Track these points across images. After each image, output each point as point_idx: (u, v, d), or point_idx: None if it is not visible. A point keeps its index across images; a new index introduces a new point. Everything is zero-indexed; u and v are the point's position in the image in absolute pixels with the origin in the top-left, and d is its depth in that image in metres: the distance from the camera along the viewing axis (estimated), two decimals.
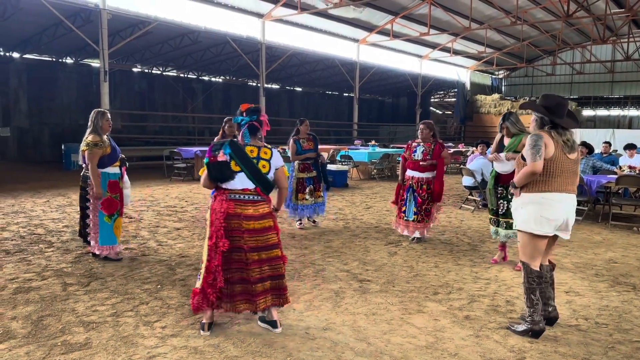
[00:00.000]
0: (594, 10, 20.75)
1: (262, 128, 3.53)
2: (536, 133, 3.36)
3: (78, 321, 3.56)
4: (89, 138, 4.93)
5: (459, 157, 16.12)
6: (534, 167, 3.29)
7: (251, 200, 3.38)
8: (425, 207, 6.04)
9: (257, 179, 3.39)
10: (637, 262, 5.45)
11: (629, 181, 7.64)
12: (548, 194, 3.34)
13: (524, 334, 3.41)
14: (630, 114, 30.92)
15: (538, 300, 3.41)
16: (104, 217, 5.03)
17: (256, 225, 3.36)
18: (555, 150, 3.31)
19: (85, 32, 13.96)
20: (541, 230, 3.36)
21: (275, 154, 3.52)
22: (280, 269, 3.47)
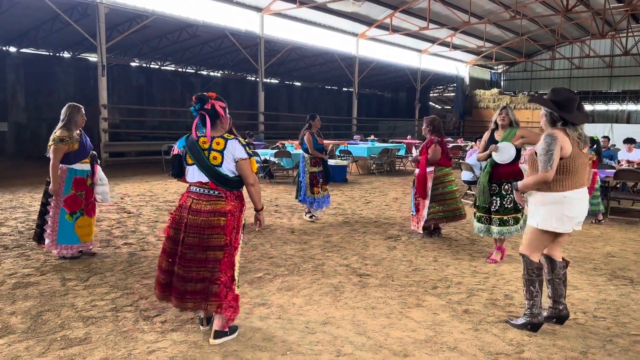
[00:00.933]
0: (593, 5, 20.72)
1: (218, 117, 3.20)
2: (550, 133, 3.26)
3: (77, 316, 3.56)
4: (57, 133, 4.75)
5: (457, 151, 16.11)
6: (545, 177, 3.22)
7: (205, 194, 3.16)
8: (415, 202, 6.15)
9: (208, 172, 3.13)
10: (635, 256, 5.47)
11: (627, 175, 7.65)
12: (569, 193, 3.28)
13: (523, 327, 3.42)
14: (628, 109, 30.92)
15: (537, 292, 3.40)
16: (65, 214, 4.78)
17: (200, 222, 3.10)
18: (572, 148, 3.25)
19: (82, 26, 13.90)
20: (562, 228, 3.32)
21: (232, 145, 3.14)
22: (216, 274, 3.10)
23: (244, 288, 4.20)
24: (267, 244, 5.76)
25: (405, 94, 34.52)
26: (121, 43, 16.23)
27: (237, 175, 3.19)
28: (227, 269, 3.16)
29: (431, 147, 5.97)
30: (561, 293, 3.52)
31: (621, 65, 29.33)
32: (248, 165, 3.19)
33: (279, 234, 6.26)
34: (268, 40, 19.14)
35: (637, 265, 5.10)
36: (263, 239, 5.97)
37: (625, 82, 30.03)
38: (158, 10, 15.36)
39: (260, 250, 5.47)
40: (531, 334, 3.38)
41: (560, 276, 3.51)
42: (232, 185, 3.19)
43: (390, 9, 20.41)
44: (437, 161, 5.98)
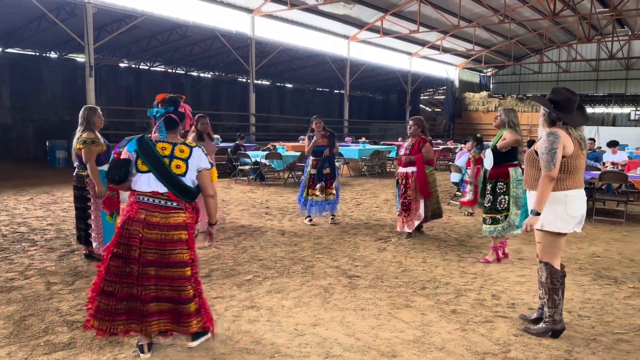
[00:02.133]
0: (580, 9, 20.99)
1: (184, 121, 3.02)
2: (553, 131, 3.20)
3: (62, 321, 3.52)
4: (84, 135, 4.71)
5: (447, 154, 16.21)
6: (549, 176, 3.15)
7: (161, 205, 2.86)
8: (403, 201, 6.15)
9: (167, 181, 2.85)
10: (619, 256, 5.54)
11: (611, 177, 7.76)
12: (571, 192, 3.24)
13: (545, 334, 3.35)
14: (614, 112, 31.34)
15: (560, 300, 3.33)
16: (106, 216, 4.68)
17: (160, 236, 2.83)
18: (574, 147, 3.21)
19: (69, 26, 13.75)
20: (567, 228, 3.27)
21: (197, 153, 2.92)
22: (184, 293, 2.86)
23: (232, 290, 4.19)
24: (257, 246, 5.75)
25: (396, 97, 34.68)
26: (110, 43, 16.10)
27: (197, 186, 2.97)
28: (198, 284, 2.97)
29: (425, 146, 6.04)
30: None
31: (607, 69, 29.76)
32: (208, 176, 2.97)
33: (269, 236, 6.25)
34: (259, 41, 19.11)
35: (620, 265, 5.18)
36: (253, 241, 5.96)
37: (611, 86, 30.46)
38: (147, 10, 15.27)
39: (250, 252, 5.46)
40: (518, 333, 3.42)
41: None
42: (193, 196, 2.95)
43: (380, 12, 20.50)
44: (430, 160, 6.08)
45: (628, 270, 5.01)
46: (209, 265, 4.89)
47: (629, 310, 3.89)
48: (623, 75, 29.55)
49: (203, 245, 3.41)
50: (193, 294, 2.92)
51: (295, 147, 13.85)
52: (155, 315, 2.88)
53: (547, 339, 3.35)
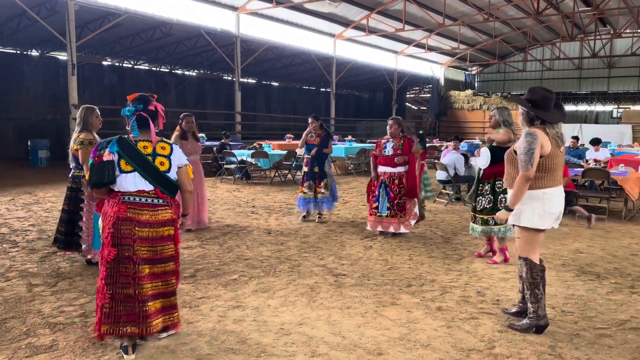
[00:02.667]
0: (563, 8, 21.27)
1: (157, 120, 3.06)
2: (531, 132, 3.27)
3: (44, 323, 3.46)
4: (82, 136, 4.61)
5: (433, 151, 16.31)
6: (526, 176, 3.23)
7: (148, 203, 2.93)
8: (398, 201, 6.11)
9: (155, 179, 2.93)
10: (602, 252, 5.63)
11: (594, 174, 7.88)
12: (549, 189, 3.32)
13: (528, 330, 3.38)
14: (596, 110, 31.86)
15: (542, 294, 3.37)
16: (98, 218, 4.76)
17: (151, 234, 2.91)
18: (551, 146, 3.28)
19: (51, 23, 13.52)
20: (544, 225, 3.35)
21: (176, 150, 3.06)
22: (172, 286, 3.05)
23: (218, 290, 4.15)
24: (242, 245, 5.72)
25: (382, 95, 34.78)
26: (92, 41, 15.86)
27: (177, 181, 3.05)
28: (178, 279, 3.12)
29: (414, 146, 6.12)
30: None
31: (589, 67, 30.22)
32: (187, 171, 3.09)
33: (255, 235, 6.22)
34: (244, 39, 19.01)
35: (603, 261, 5.25)
36: (239, 241, 5.92)
37: (594, 84, 30.95)
38: (131, 8, 15.07)
39: (235, 252, 5.43)
40: (502, 329, 3.44)
41: None
42: (176, 191, 3.06)
43: (366, 10, 20.53)
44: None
45: (610, 266, 5.09)
46: (194, 265, 4.85)
47: (612, 306, 3.94)
48: (605, 73, 30.04)
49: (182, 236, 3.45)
50: (174, 288, 3.10)
51: (281, 145, 13.80)
52: (154, 315, 2.96)
53: (531, 334, 3.38)
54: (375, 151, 6.34)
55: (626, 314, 3.78)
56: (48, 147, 15.02)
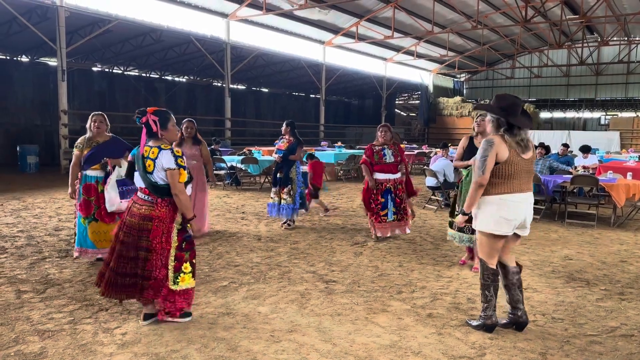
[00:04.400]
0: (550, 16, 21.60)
1: (154, 130, 3.44)
2: (488, 139, 3.38)
3: (33, 330, 3.41)
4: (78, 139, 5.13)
5: (422, 158, 16.41)
6: (479, 182, 3.34)
7: (142, 199, 3.48)
8: (403, 205, 6.33)
9: (142, 178, 3.43)
10: (591, 259, 5.68)
11: (582, 181, 7.97)
12: (506, 195, 3.37)
13: (479, 328, 3.52)
14: (584, 116, 32.29)
15: (492, 296, 3.49)
16: (81, 218, 5.00)
17: (133, 223, 3.43)
18: (509, 153, 3.33)
19: (41, 29, 13.45)
20: (500, 231, 3.39)
21: (162, 155, 3.37)
22: (146, 272, 3.41)
23: (207, 297, 4.13)
24: (232, 252, 5.69)
25: (371, 101, 34.95)
26: (82, 47, 15.80)
27: (167, 184, 3.40)
28: (158, 269, 3.43)
29: (404, 153, 6.39)
30: (518, 298, 3.52)
31: (577, 74, 30.66)
32: (174, 175, 3.36)
33: (245, 242, 6.20)
34: (234, 46, 19.03)
35: (592, 268, 5.31)
36: (229, 247, 5.90)
37: (581, 91, 31.38)
38: (121, 14, 15.04)
39: (225, 258, 5.40)
40: (493, 336, 3.46)
41: (514, 281, 3.53)
42: (162, 192, 3.41)
43: (355, 17, 20.68)
44: None
45: (600, 272, 5.14)
46: None
47: (601, 313, 3.98)
48: (593, 80, 30.50)
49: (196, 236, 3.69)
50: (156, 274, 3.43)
51: (271, 151, 13.70)
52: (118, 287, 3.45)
53: (522, 341, 3.40)
54: (370, 158, 6.23)
55: (616, 320, 3.82)
56: (37, 153, 14.87)
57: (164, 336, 3.36)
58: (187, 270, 3.52)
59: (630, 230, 7.37)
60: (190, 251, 3.56)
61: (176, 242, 3.49)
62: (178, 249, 3.50)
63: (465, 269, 5.16)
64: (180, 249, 3.49)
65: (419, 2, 19.96)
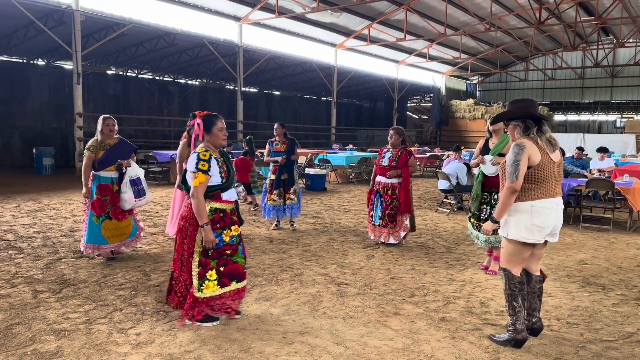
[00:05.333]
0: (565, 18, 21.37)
1: (198, 133, 3.57)
2: (519, 143, 3.23)
3: (49, 329, 3.46)
4: (89, 141, 5.24)
5: (434, 160, 16.32)
6: (511, 188, 3.18)
7: None
8: (389, 212, 6.05)
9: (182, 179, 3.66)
10: (606, 263, 5.61)
11: (598, 184, 7.86)
12: (538, 202, 3.22)
13: (506, 343, 3.33)
14: (599, 119, 31.86)
15: (520, 307, 3.30)
16: (92, 217, 5.13)
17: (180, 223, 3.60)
18: (541, 157, 3.20)
19: (57, 33, 13.65)
20: (532, 239, 3.24)
21: (191, 157, 3.48)
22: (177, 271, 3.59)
23: None
24: None
25: (383, 104, 34.87)
26: (97, 51, 16.01)
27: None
28: (178, 270, 3.55)
29: (411, 159, 6.04)
30: (535, 307, 3.45)
31: (592, 76, 30.29)
32: (190, 178, 3.42)
33: (257, 244, 6.22)
34: (247, 49, 19.14)
35: (608, 272, 5.23)
36: None
37: (596, 93, 30.98)
38: (135, 18, 15.21)
39: None
40: None
41: (535, 290, 3.45)
42: (188, 191, 3.51)
43: (368, 20, 20.67)
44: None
45: (616, 277, 5.07)
46: None
47: (618, 318, 3.92)
48: (608, 83, 30.10)
49: None
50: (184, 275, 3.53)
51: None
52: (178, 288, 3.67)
53: (536, 346, 3.36)
54: (377, 159, 6.32)
55: (633, 326, 3.76)
56: (53, 155, 15.09)
57: (177, 337, 3.39)
58: (212, 278, 3.48)
59: None
60: (219, 259, 3.49)
61: (200, 248, 3.46)
62: (203, 255, 3.46)
63: (479, 272, 5.12)
64: (205, 255, 3.47)
65: (431, 4, 19.90)
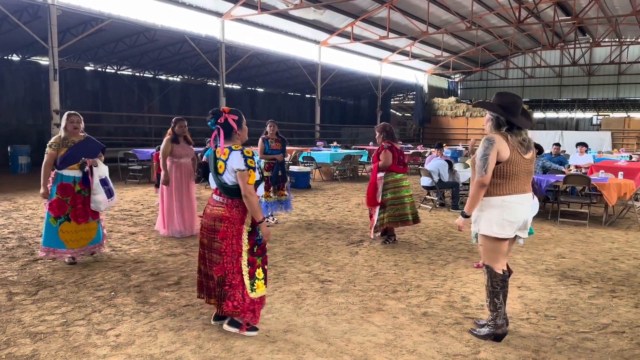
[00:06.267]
0: (544, 17, 21.71)
1: (231, 129, 3.41)
2: (488, 137, 3.24)
3: (24, 332, 3.38)
4: (52, 139, 5.00)
5: (417, 158, 16.44)
6: (480, 182, 3.21)
7: (214, 200, 3.47)
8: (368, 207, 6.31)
9: (214, 179, 3.42)
10: (583, 257, 5.72)
11: (575, 180, 8.01)
12: (508, 197, 3.25)
13: (487, 338, 3.38)
14: (577, 117, 32.49)
15: (501, 304, 3.34)
16: (49, 218, 4.89)
17: (208, 225, 3.44)
18: (510, 153, 3.21)
19: (33, 28, 13.34)
20: (503, 234, 3.28)
21: (233, 156, 3.32)
22: (219, 277, 3.37)
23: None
24: None
25: (367, 101, 35.00)
26: (75, 46, 15.69)
27: (236, 185, 3.34)
28: (232, 274, 3.36)
29: (382, 153, 6.10)
30: None
31: (570, 75, 30.85)
32: (243, 177, 3.29)
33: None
34: (229, 45, 18.98)
35: (585, 266, 5.34)
36: None
37: (574, 91, 31.58)
38: (114, 13, 14.95)
39: None
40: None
41: None
42: (231, 193, 3.37)
43: (351, 17, 20.68)
44: (389, 167, 6.10)
45: (592, 270, 5.18)
46: (178, 273, 4.79)
47: (593, 310, 4.01)
48: (585, 81, 30.71)
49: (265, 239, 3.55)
50: (232, 280, 3.36)
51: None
52: (209, 290, 3.50)
53: (515, 338, 3.42)
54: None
55: (608, 317, 3.85)
56: (29, 153, 14.75)
57: (158, 337, 3.35)
58: (260, 277, 3.43)
59: (621, 229, 7.43)
60: (262, 256, 3.47)
61: (247, 246, 3.38)
62: (250, 253, 3.39)
63: (460, 267, 5.17)
64: (252, 252, 3.39)
65: (413, 2, 20.01)
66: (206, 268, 3.49)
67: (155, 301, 4.01)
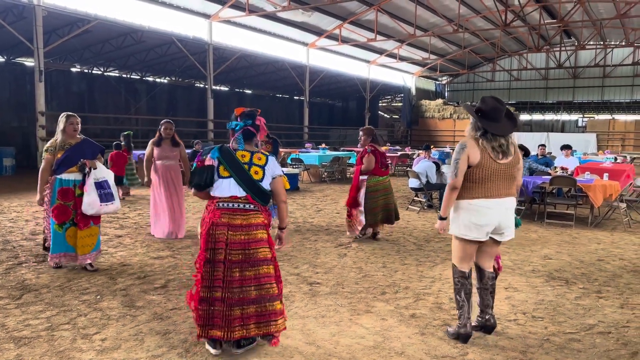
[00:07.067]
0: (529, 20, 21.97)
1: (259, 133, 3.32)
2: (461, 142, 3.33)
3: (8, 337, 3.32)
4: (48, 142, 4.84)
5: (405, 159, 16.52)
6: (452, 185, 3.29)
7: (240, 209, 3.09)
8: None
9: (248, 186, 3.11)
10: (570, 258, 5.78)
11: (561, 181, 8.10)
12: (475, 200, 3.29)
13: (453, 337, 3.41)
14: (562, 119, 32.92)
15: (464, 302, 3.38)
16: (54, 224, 4.75)
17: (244, 237, 3.05)
18: (481, 157, 3.23)
19: (18, 29, 13.17)
20: (470, 236, 3.32)
21: (271, 161, 3.24)
22: (270, 290, 3.08)
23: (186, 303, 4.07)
24: None
25: (355, 103, 35.10)
26: (61, 48, 15.52)
27: (270, 191, 3.23)
28: (279, 283, 3.18)
29: (365, 157, 6.26)
30: (488, 303, 3.47)
31: (555, 77, 31.28)
32: (282, 182, 3.26)
33: None
34: (217, 47, 18.91)
35: (571, 267, 5.40)
36: None
37: (559, 94, 32.03)
38: (100, 14, 14.82)
39: None
40: (475, 335, 3.48)
41: (487, 286, 3.47)
42: (267, 199, 3.23)
43: (339, 20, 20.75)
44: (371, 170, 6.26)
45: (578, 271, 5.23)
46: (165, 276, 4.75)
47: (580, 310, 4.05)
48: (571, 83, 31.16)
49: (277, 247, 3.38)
50: (278, 292, 3.13)
51: None
52: (238, 320, 3.01)
53: (503, 340, 3.44)
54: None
55: (594, 318, 3.89)
56: (14, 155, 14.55)
57: (144, 341, 3.31)
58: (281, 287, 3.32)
59: (606, 230, 7.53)
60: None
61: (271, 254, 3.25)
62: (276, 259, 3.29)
63: (448, 269, 5.19)
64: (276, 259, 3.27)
65: (401, 5, 20.13)
66: (235, 292, 3.00)
67: (141, 305, 3.97)
